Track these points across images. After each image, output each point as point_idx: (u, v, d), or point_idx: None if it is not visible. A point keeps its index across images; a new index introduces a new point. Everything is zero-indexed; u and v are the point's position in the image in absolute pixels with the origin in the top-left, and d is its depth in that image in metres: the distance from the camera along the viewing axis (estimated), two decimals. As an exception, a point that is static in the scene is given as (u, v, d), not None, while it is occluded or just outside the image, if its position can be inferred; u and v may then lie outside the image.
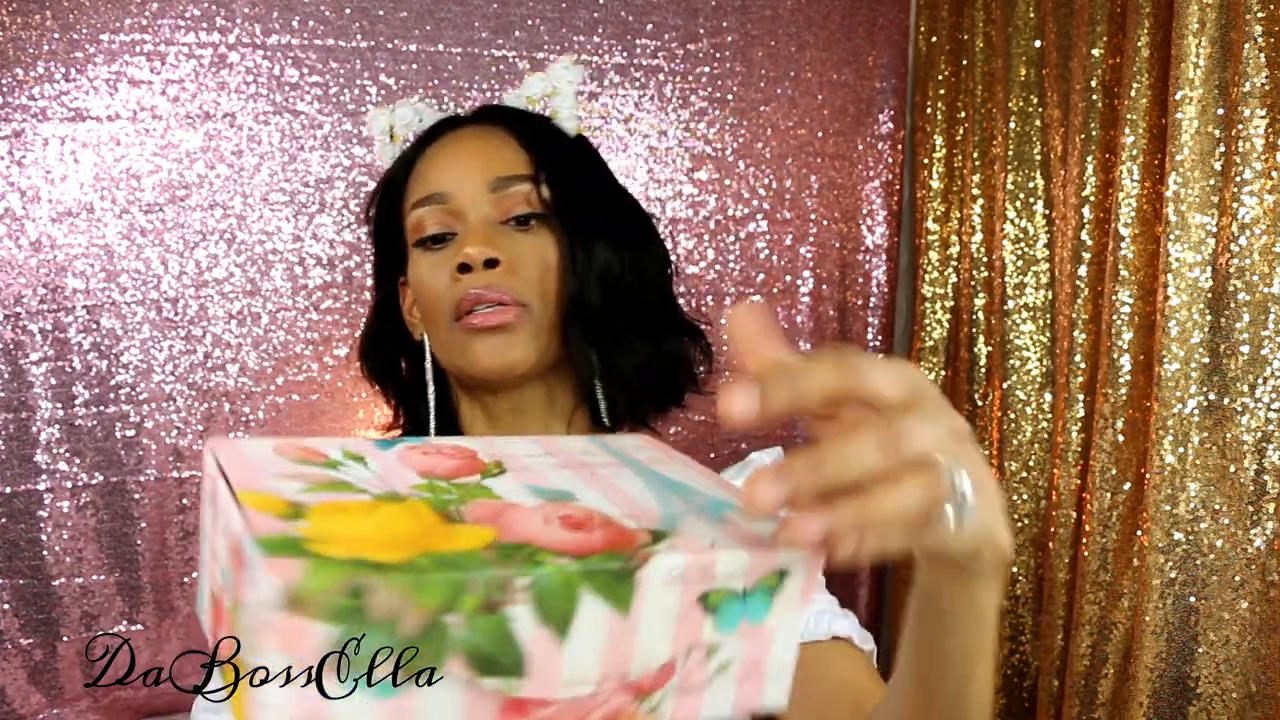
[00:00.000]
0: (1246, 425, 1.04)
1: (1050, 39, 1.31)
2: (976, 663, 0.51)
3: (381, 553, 0.33)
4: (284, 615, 0.30)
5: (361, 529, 0.35)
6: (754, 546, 0.38)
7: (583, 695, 0.36)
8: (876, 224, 1.63)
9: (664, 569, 0.36)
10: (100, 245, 1.34)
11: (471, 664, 0.34)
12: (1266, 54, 1.01)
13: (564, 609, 0.34)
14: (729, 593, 0.38)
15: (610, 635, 0.36)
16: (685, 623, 0.37)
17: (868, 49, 1.60)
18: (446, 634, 0.33)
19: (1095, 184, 1.22)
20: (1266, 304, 1.03)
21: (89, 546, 1.35)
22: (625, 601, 0.35)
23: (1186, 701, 1.07)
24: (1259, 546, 1.05)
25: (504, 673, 0.34)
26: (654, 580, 0.36)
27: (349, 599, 0.31)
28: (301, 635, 0.31)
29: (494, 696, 0.34)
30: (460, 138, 0.87)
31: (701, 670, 0.39)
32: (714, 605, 0.38)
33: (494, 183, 0.83)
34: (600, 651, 0.36)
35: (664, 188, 1.53)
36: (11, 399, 1.32)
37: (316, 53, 1.39)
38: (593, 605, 0.35)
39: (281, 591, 0.30)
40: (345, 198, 1.41)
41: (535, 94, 0.95)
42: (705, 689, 0.39)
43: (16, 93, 1.30)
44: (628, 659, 0.36)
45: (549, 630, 0.34)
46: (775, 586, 0.39)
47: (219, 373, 1.38)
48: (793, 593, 0.39)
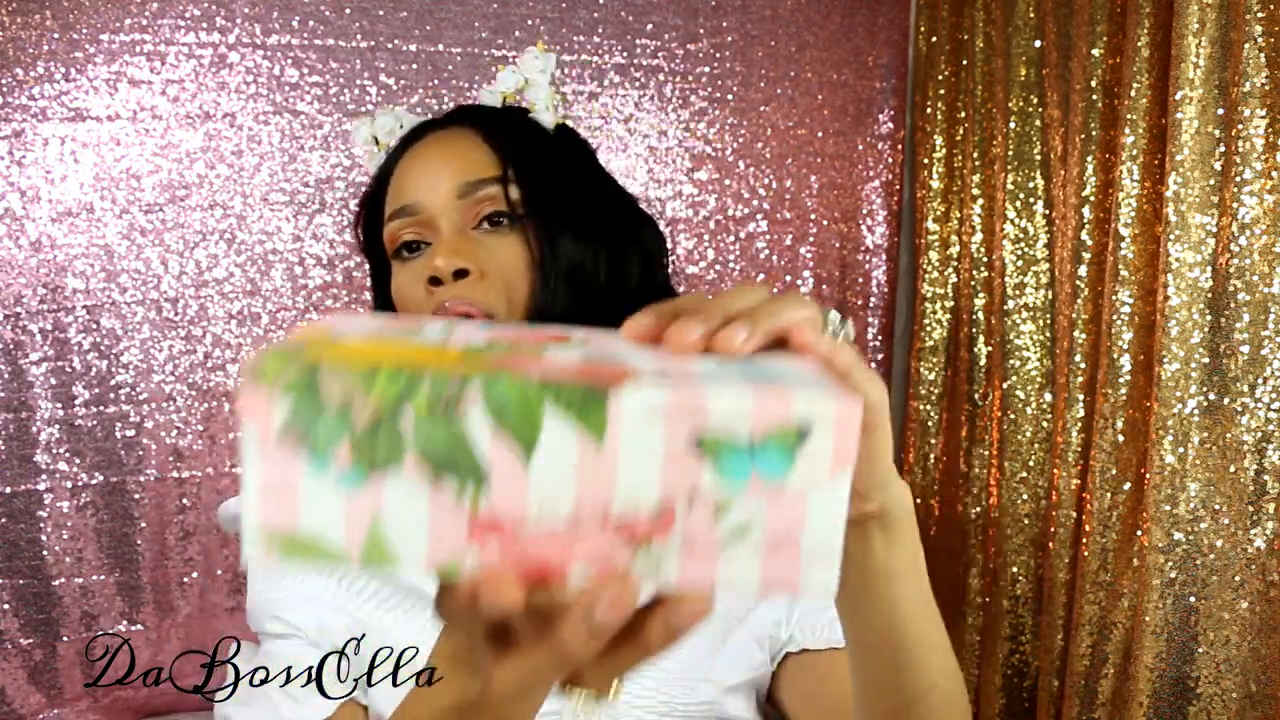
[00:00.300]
0: (1246, 425, 1.04)
1: (1050, 39, 1.31)
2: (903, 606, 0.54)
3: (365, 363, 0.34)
4: (251, 386, 0.34)
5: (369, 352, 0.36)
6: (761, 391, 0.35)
7: (559, 524, 0.35)
8: (876, 224, 1.63)
9: (641, 398, 0.34)
10: (100, 245, 1.34)
11: (429, 464, 0.34)
12: (1266, 54, 1.01)
13: (526, 424, 0.34)
14: (729, 438, 0.35)
15: (582, 462, 0.35)
16: (675, 464, 0.35)
17: (868, 49, 1.60)
18: (400, 430, 0.34)
19: (1095, 184, 1.22)
20: (1266, 304, 1.03)
21: (89, 546, 1.35)
22: (598, 428, 0.34)
23: (1186, 701, 1.07)
24: (1259, 546, 1.05)
25: (463, 480, 0.34)
26: (630, 410, 0.34)
27: (303, 378, 0.34)
28: (262, 407, 0.34)
29: (462, 511, 0.35)
30: (429, 145, 0.86)
31: (712, 530, 0.36)
32: (712, 450, 0.35)
33: (462, 188, 0.81)
34: (573, 479, 0.35)
35: (664, 188, 1.53)
36: (11, 399, 1.32)
37: (316, 53, 1.39)
38: (559, 426, 0.34)
39: (249, 365, 0.34)
40: (345, 198, 1.41)
41: (509, 88, 0.92)
42: (720, 554, 0.36)
43: (16, 93, 1.30)
44: (607, 492, 0.35)
45: (511, 444, 0.34)
46: (795, 443, 0.35)
47: (219, 373, 1.39)
48: (820, 453, 0.35)
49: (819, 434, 0.35)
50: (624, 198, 0.91)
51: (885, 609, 0.54)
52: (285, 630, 0.78)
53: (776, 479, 0.35)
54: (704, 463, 0.35)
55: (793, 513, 0.36)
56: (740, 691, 0.83)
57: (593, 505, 0.35)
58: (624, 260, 0.86)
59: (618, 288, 0.84)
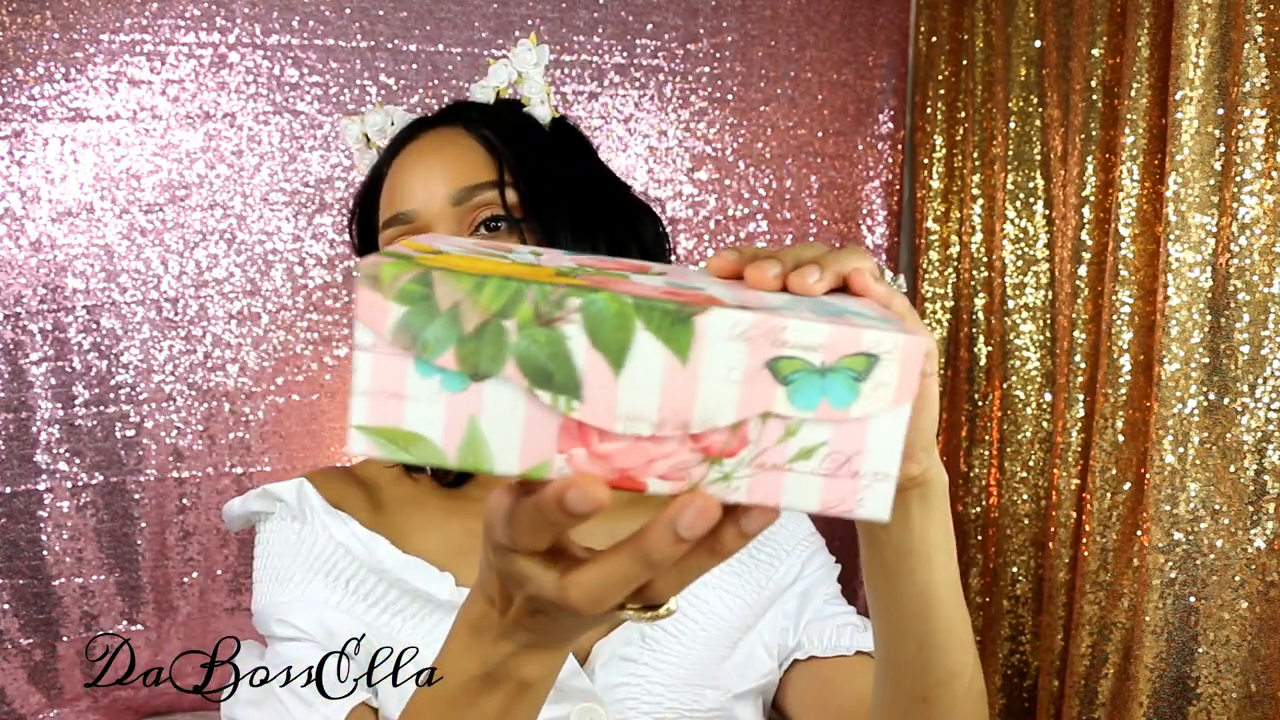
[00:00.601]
0: (1246, 425, 1.04)
1: (1050, 39, 1.31)
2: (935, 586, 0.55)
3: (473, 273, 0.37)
4: (367, 291, 0.36)
5: (474, 264, 0.39)
6: (834, 323, 0.37)
7: (643, 435, 0.37)
8: (876, 224, 1.63)
9: (725, 321, 0.36)
10: (100, 245, 1.34)
11: (528, 373, 0.37)
12: (1266, 54, 1.01)
13: (619, 340, 0.36)
14: (804, 365, 0.37)
15: (668, 378, 0.37)
16: (753, 386, 0.37)
17: (868, 49, 1.60)
18: (504, 337, 0.37)
19: (1095, 184, 1.22)
20: (1266, 304, 1.03)
21: (89, 546, 1.35)
22: (683, 347, 0.36)
23: (1186, 701, 1.07)
24: (1259, 546, 1.05)
25: (558, 388, 0.37)
26: (714, 331, 0.36)
27: (418, 285, 0.36)
28: (377, 310, 0.36)
29: (554, 415, 0.37)
30: (422, 148, 0.84)
31: (781, 450, 0.38)
32: (786, 375, 0.37)
33: (458, 194, 0.80)
34: (657, 392, 0.37)
35: (664, 188, 1.53)
36: (11, 399, 1.32)
37: (316, 53, 1.39)
38: (649, 343, 0.36)
39: (365, 271, 0.36)
40: (345, 198, 1.41)
41: (502, 83, 0.90)
42: (787, 473, 0.38)
43: (16, 93, 1.30)
44: (688, 408, 0.37)
45: (604, 357, 0.37)
46: (862, 372, 0.37)
47: (219, 373, 1.39)
48: (885, 383, 0.37)
49: (885, 365, 0.37)
50: (622, 190, 0.89)
51: (918, 588, 0.55)
52: (293, 634, 0.78)
53: (843, 406, 0.38)
54: (778, 386, 0.37)
55: (855, 439, 0.38)
56: (748, 699, 0.83)
57: (674, 419, 0.37)
58: (623, 255, 0.85)
59: None
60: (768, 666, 0.83)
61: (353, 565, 0.81)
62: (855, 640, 0.83)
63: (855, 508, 0.39)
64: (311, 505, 0.83)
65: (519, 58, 0.90)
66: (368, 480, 0.89)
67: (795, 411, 0.38)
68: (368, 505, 0.86)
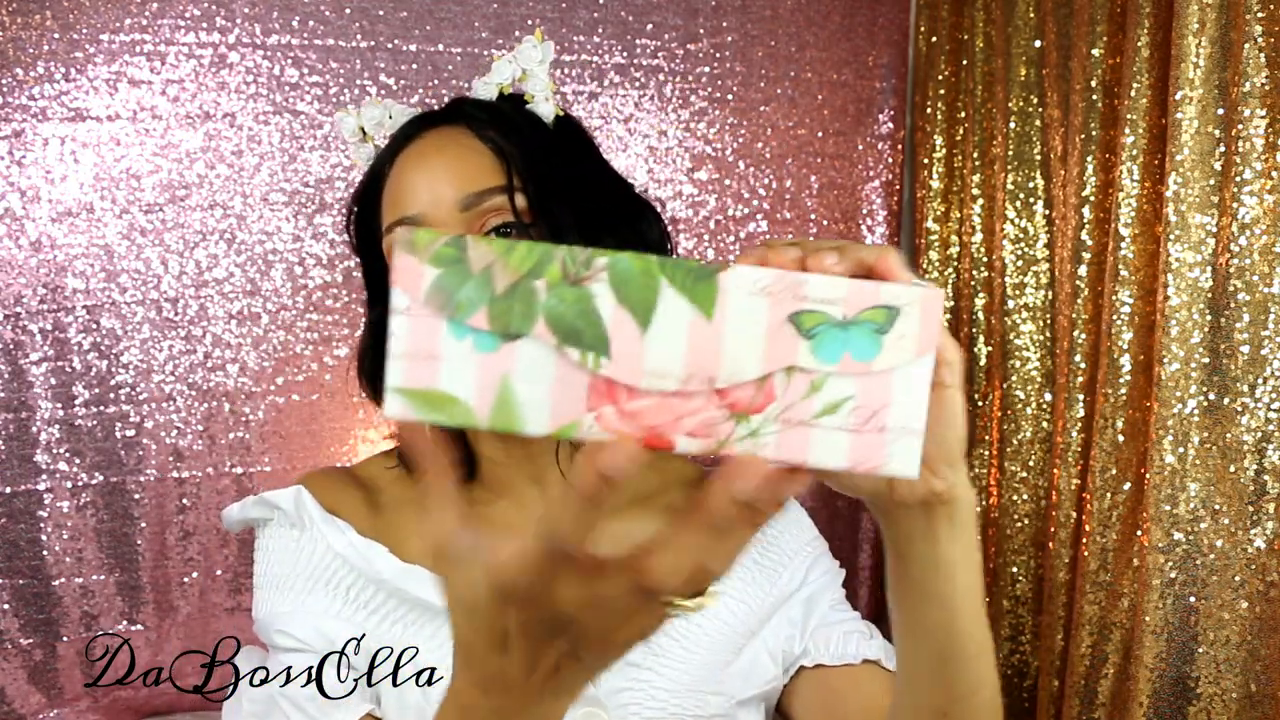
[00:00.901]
0: (1246, 425, 1.04)
1: (1050, 39, 1.31)
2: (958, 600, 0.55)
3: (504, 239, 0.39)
4: (403, 255, 0.38)
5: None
6: (854, 278, 0.38)
7: (669, 391, 0.38)
8: (876, 224, 1.63)
9: (748, 277, 0.37)
10: (100, 245, 1.34)
11: (557, 332, 0.38)
12: (1266, 54, 1.01)
13: (645, 297, 0.38)
14: (826, 319, 0.38)
15: (692, 334, 0.38)
16: (777, 340, 0.38)
17: (868, 49, 1.60)
18: (534, 297, 0.38)
19: (1095, 184, 1.22)
20: (1266, 304, 1.03)
21: (89, 546, 1.35)
22: (708, 303, 0.37)
23: (1186, 701, 1.07)
24: (1259, 546, 1.05)
25: (587, 346, 0.38)
26: (737, 287, 0.37)
27: (452, 249, 0.38)
28: (413, 274, 0.38)
29: (583, 373, 0.38)
30: (426, 149, 0.82)
31: (807, 404, 0.38)
32: (809, 329, 0.38)
33: (466, 200, 0.78)
34: (683, 348, 0.38)
35: (664, 188, 1.53)
36: (11, 399, 1.32)
37: (316, 53, 1.39)
38: (674, 300, 0.37)
39: (402, 237, 0.38)
40: (345, 198, 1.41)
41: (506, 80, 0.88)
42: (813, 428, 0.38)
43: (16, 93, 1.30)
44: (714, 363, 0.38)
45: (630, 315, 0.38)
46: (884, 325, 0.38)
47: (219, 373, 1.39)
48: (907, 336, 0.38)
49: (906, 316, 0.38)
50: (626, 189, 0.88)
51: (943, 601, 0.55)
52: (294, 645, 0.78)
53: (866, 359, 0.38)
54: (801, 340, 0.38)
55: (880, 392, 0.38)
56: (751, 705, 0.83)
57: (701, 375, 0.38)
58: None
59: None
60: (772, 673, 0.83)
61: (351, 574, 0.80)
62: (862, 649, 0.82)
63: (883, 463, 0.38)
64: (309, 513, 0.82)
65: (524, 54, 0.88)
66: (367, 481, 0.88)
67: (819, 365, 0.38)
68: (366, 508, 0.85)
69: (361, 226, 0.88)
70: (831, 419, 0.38)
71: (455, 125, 0.83)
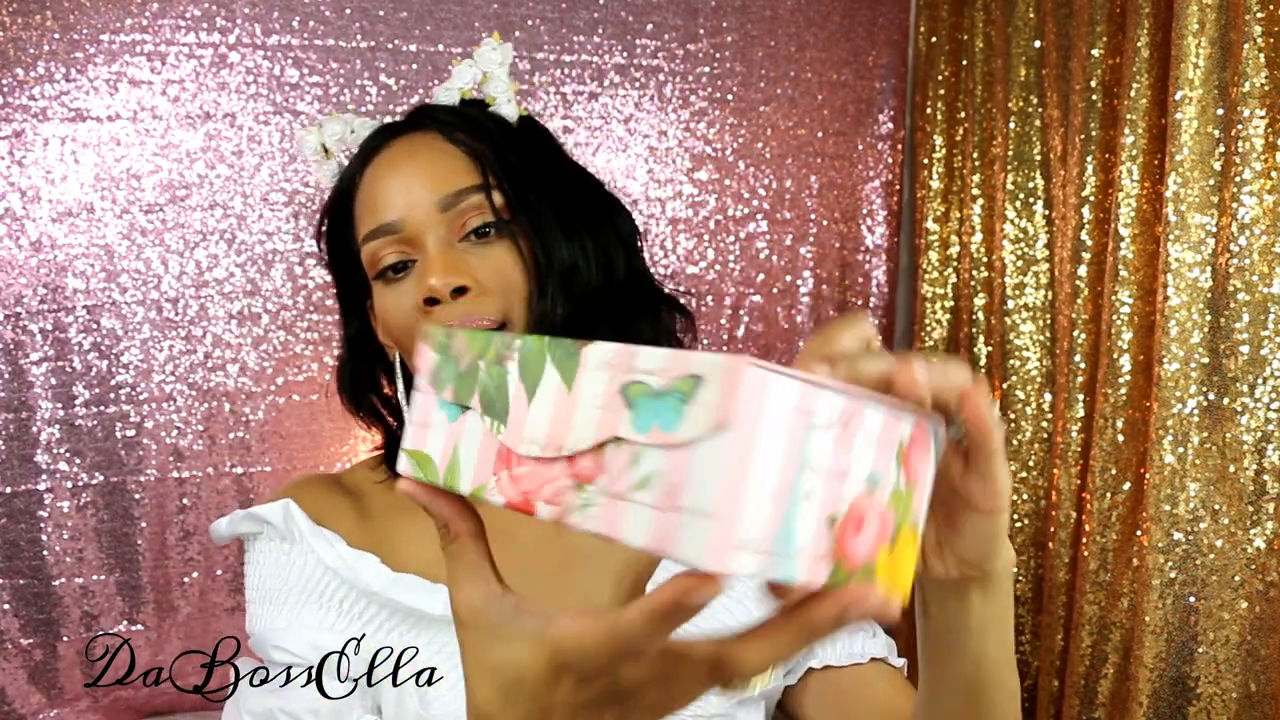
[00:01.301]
0: (1246, 425, 1.04)
1: (1050, 39, 1.31)
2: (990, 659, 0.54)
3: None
4: (422, 344, 0.47)
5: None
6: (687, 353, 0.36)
7: (536, 457, 0.40)
8: (876, 224, 1.63)
9: (600, 351, 0.39)
10: (100, 245, 1.34)
11: (483, 403, 0.43)
12: (1266, 54, 1.01)
13: (535, 372, 0.41)
14: (646, 389, 0.36)
15: (557, 404, 0.40)
16: (609, 410, 0.38)
17: (868, 49, 1.60)
18: (477, 374, 0.44)
19: (1095, 184, 1.22)
20: (1266, 304, 1.03)
21: (89, 546, 1.35)
22: (570, 375, 0.40)
23: (1186, 701, 1.07)
24: (1259, 546, 1.05)
25: (495, 415, 0.43)
26: (591, 360, 0.39)
27: (445, 338, 0.46)
28: (425, 358, 0.47)
29: (494, 440, 0.43)
30: (397, 157, 0.81)
31: (627, 477, 0.37)
32: (632, 399, 0.37)
33: (444, 201, 0.78)
34: (549, 417, 0.40)
35: (664, 188, 1.53)
36: (11, 399, 1.32)
37: (316, 53, 1.39)
38: (551, 374, 0.40)
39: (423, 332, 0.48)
40: (345, 198, 1.41)
41: (467, 84, 0.88)
42: (627, 502, 0.37)
43: (16, 93, 1.30)
44: (565, 432, 0.39)
45: (525, 388, 0.41)
46: (688, 393, 0.35)
47: (219, 373, 1.39)
48: (708, 404, 0.34)
49: (708, 385, 0.35)
50: (597, 185, 0.89)
51: (972, 659, 0.54)
52: (289, 660, 0.78)
53: (670, 429, 0.36)
54: (625, 410, 0.37)
55: (679, 466, 0.35)
56: (752, 704, 0.83)
57: (554, 443, 0.40)
58: (608, 251, 0.83)
59: (607, 279, 0.83)
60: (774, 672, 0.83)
61: (343, 588, 0.80)
62: (868, 647, 0.82)
63: (673, 548, 0.35)
64: (299, 527, 0.81)
65: (483, 57, 0.87)
66: (355, 488, 0.88)
67: (635, 435, 0.36)
68: (355, 515, 0.84)
69: (333, 241, 0.87)
70: (643, 494, 0.36)
71: (424, 131, 0.83)
